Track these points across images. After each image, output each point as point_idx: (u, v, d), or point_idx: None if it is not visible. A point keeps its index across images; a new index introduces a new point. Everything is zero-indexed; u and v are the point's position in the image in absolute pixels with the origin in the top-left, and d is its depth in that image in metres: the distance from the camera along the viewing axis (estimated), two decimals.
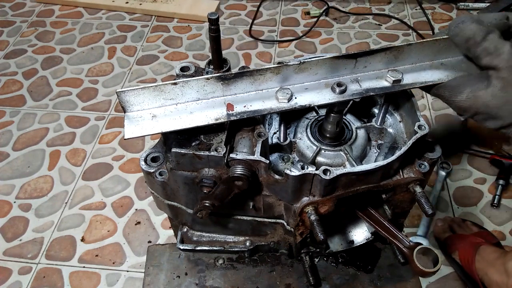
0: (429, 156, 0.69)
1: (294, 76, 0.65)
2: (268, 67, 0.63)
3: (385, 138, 0.78)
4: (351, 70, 0.66)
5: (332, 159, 0.74)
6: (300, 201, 0.67)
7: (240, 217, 0.78)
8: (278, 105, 0.64)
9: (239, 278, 0.93)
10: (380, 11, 2.63)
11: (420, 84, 0.67)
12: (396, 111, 0.79)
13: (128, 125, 0.62)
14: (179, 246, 0.84)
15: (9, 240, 1.59)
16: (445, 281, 1.47)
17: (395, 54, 0.66)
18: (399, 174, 0.69)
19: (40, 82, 2.21)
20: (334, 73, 0.66)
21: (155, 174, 0.71)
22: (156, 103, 0.63)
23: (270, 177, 0.65)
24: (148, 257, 0.97)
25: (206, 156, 0.62)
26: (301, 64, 0.64)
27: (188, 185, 0.69)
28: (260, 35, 2.47)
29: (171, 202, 0.78)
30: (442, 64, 0.68)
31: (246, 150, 0.65)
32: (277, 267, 0.94)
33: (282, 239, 0.83)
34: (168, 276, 0.94)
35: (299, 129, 0.78)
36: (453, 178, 1.76)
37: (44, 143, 1.92)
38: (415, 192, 0.68)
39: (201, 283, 0.92)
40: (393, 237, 0.73)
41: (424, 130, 0.65)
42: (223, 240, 0.86)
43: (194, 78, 0.62)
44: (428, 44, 0.67)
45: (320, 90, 0.65)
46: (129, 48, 2.40)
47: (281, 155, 0.75)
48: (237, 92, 0.65)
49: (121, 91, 0.60)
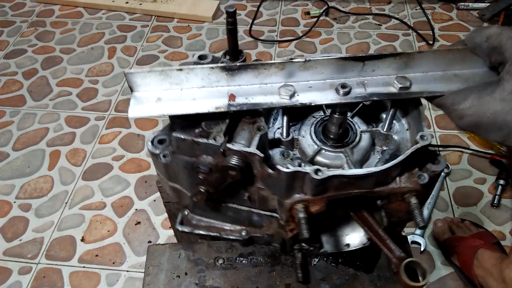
0: (431, 168, 0.67)
1: (299, 74, 0.65)
2: (273, 62, 0.64)
3: (390, 145, 0.77)
4: (358, 72, 0.66)
5: (332, 160, 0.73)
6: (292, 198, 0.68)
7: (237, 206, 0.79)
8: (279, 101, 0.64)
9: (239, 278, 0.93)
10: (380, 11, 2.63)
11: (428, 93, 0.64)
12: (404, 118, 0.78)
13: (132, 105, 0.64)
14: (178, 227, 0.86)
15: (9, 240, 1.59)
16: (445, 281, 1.47)
17: (405, 61, 0.65)
18: (395, 182, 0.68)
19: (40, 82, 2.21)
20: (340, 74, 0.66)
21: (159, 156, 0.73)
22: (162, 86, 0.65)
23: (264, 170, 0.66)
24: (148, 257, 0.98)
25: (204, 143, 0.64)
26: (307, 62, 0.64)
27: (187, 169, 0.70)
28: (260, 35, 2.47)
29: (174, 184, 0.81)
30: (455, 76, 0.66)
31: (244, 142, 0.65)
32: (277, 267, 0.94)
33: (276, 233, 0.83)
34: (168, 276, 0.94)
35: (304, 127, 0.78)
36: (453, 178, 1.76)
37: (44, 143, 1.92)
38: (409, 203, 0.67)
39: (201, 283, 0.92)
40: (384, 245, 0.73)
41: (425, 141, 0.63)
42: (220, 227, 0.87)
43: (199, 66, 0.63)
44: (441, 53, 0.65)
45: (324, 90, 0.65)
46: (129, 48, 2.41)
47: (282, 150, 0.75)
48: (241, 83, 0.66)
49: (129, 72, 0.62)
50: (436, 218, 1.59)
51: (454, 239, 1.47)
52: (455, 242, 1.46)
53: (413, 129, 0.74)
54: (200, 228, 0.87)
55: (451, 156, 1.84)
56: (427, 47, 2.37)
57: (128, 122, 2.01)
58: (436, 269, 1.50)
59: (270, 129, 0.80)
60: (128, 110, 0.63)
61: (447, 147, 1.87)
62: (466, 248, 1.40)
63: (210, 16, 2.55)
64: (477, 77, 0.65)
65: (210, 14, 2.56)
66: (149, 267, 0.96)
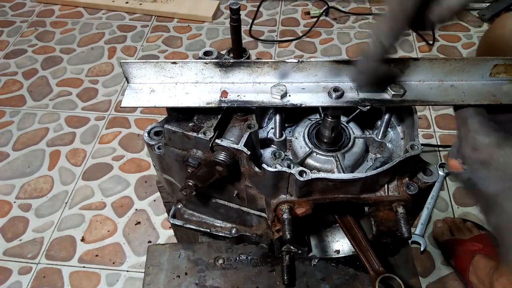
0: (423, 179, 0.67)
1: (292, 74, 0.65)
2: (266, 61, 0.64)
3: (384, 153, 0.76)
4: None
5: (322, 164, 0.73)
6: (278, 198, 0.68)
7: (228, 203, 0.80)
8: (270, 100, 0.65)
9: (239, 278, 0.93)
10: (380, 11, 2.63)
11: (421, 102, 0.64)
12: (400, 127, 0.77)
13: (127, 95, 0.65)
14: (169, 220, 0.87)
15: (9, 240, 1.59)
16: (445, 281, 1.47)
17: (400, 68, 0.64)
18: (383, 190, 0.67)
19: (40, 82, 2.21)
20: (334, 78, 0.66)
21: (154, 147, 0.75)
22: (157, 79, 0.66)
23: (251, 168, 0.66)
24: (148, 257, 0.98)
25: (194, 137, 0.65)
26: (300, 63, 0.64)
27: (179, 162, 0.72)
28: (260, 35, 2.47)
29: (167, 176, 0.82)
30: (453, 87, 0.65)
31: (234, 139, 0.66)
32: (277, 267, 0.94)
33: (264, 233, 0.84)
34: (168, 276, 0.94)
35: (298, 129, 0.78)
36: (453, 178, 1.76)
37: (44, 143, 1.92)
38: (396, 212, 0.66)
39: (201, 283, 0.92)
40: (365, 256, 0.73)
41: (416, 151, 0.62)
42: (211, 223, 0.88)
43: (192, 60, 0.65)
44: (438, 62, 0.64)
45: (316, 92, 0.65)
46: (129, 48, 2.41)
47: (274, 151, 0.75)
48: (234, 81, 0.67)
49: (125, 62, 0.65)
50: (436, 219, 1.59)
51: (452, 242, 1.47)
52: (453, 245, 1.46)
53: (407, 137, 0.73)
54: (192, 223, 0.87)
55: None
56: (427, 47, 2.37)
57: (128, 122, 2.01)
58: (436, 269, 1.50)
59: (264, 128, 0.79)
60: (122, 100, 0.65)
61: (447, 147, 1.87)
62: (463, 253, 1.40)
63: (210, 16, 2.55)
64: (475, 90, 0.64)
65: (210, 14, 2.56)
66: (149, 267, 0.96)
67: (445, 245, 1.49)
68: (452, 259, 1.45)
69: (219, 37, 2.47)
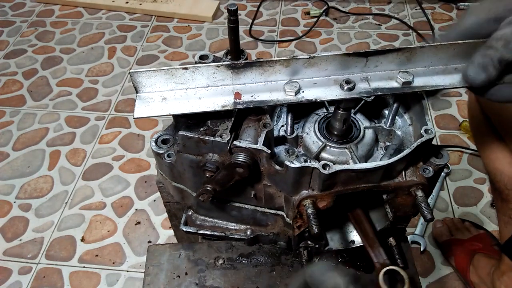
0: (435, 162, 0.69)
1: (303, 71, 0.66)
2: (277, 59, 0.64)
3: (393, 140, 0.78)
4: (362, 68, 0.66)
5: (337, 156, 0.74)
6: (299, 194, 0.68)
7: (243, 205, 0.80)
8: (285, 97, 0.64)
9: (239, 278, 0.93)
10: (380, 11, 2.63)
11: (430, 87, 0.66)
12: (406, 114, 0.79)
13: (138, 105, 0.64)
14: (182, 228, 0.86)
15: (9, 240, 1.59)
16: (445, 281, 1.47)
17: (407, 56, 0.66)
18: (401, 176, 0.68)
19: (40, 82, 2.21)
20: (344, 70, 0.66)
21: (163, 156, 0.74)
22: (167, 86, 0.65)
23: (271, 167, 0.66)
24: (148, 257, 0.97)
25: (210, 141, 0.64)
26: (311, 58, 0.64)
27: (193, 168, 0.71)
28: (260, 35, 2.47)
29: (178, 185, 0.81)
30: (456, 70, 0.67)
31: (250, 139, 0.66)
32: (277, 267, 0.94)
33: (281, 231, 0.84)
34: (168, 276, 0.94)
35: (308, 124, 0.78)
36: (452, 178, 1.76)
37: (44, 143, 1.92)
38: (416, 196, 0.68)
39: (201, 283, 0.92)
40: (371, 247, 0.73)
41: (430, 135, 0.64)
42: (225, 226, 0.87)
43: (204, 65, 0.63)
44: (442, 47, 0.65)
45: (328, 86, 0.66)
46: (129, 48, 2.41)
47: (287, 148, 0.75)
48: (246, 81, 0.66)
49: (134, 71, 0.62)
50: (436, 219, 1.59)
51: (452, 242, 1.47)
52: (453, 245, 1.46)
53: (416, 124, 0.75)
54: (205, 228, 0.87)
55: (451, 156, 1.84)
56: None
57: (128, 122, 2.01)
58: (436, 269, 1.50)
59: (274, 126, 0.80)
60: (134, 110, 0.63)
61: (447, 147, 1.86)
62: (463, 253, 1.40)
63: (210, 16, 2.55)
64: None
65: (210, 14, 2.56)
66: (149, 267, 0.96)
67: (445, 245, 1.49)
68: (452, 259, 1.45)
69: (219, 37, 2.47)
